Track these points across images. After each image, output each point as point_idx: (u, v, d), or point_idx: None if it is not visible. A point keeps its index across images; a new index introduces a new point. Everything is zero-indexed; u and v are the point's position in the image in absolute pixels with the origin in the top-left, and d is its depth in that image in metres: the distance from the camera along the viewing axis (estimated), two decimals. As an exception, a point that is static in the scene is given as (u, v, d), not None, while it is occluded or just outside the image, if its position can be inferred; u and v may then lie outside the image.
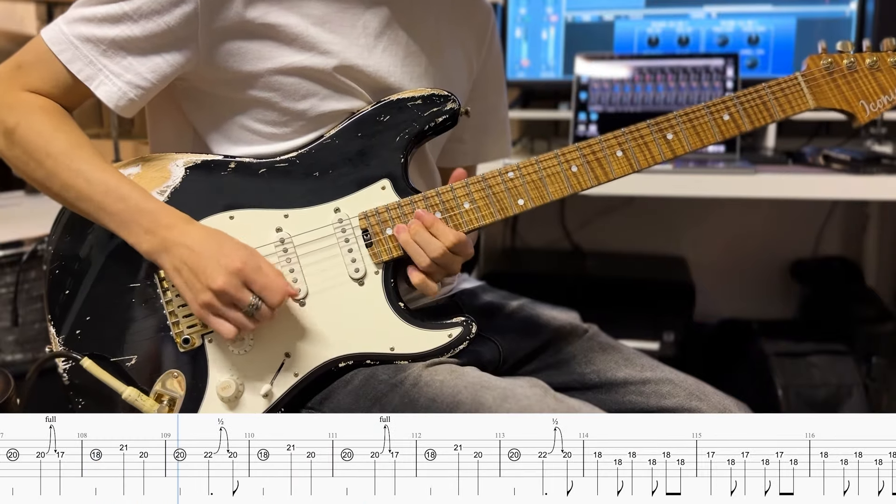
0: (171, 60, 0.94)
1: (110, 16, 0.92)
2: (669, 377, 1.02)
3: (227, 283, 0.88)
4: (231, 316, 0.90)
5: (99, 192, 0.91)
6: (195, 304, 0.90)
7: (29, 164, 0.94)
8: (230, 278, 0.88)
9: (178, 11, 0.91)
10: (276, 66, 0.95)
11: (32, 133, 0.93)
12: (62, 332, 0.98)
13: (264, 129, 0.99)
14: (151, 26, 0.92)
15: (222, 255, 0.89)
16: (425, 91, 0.99)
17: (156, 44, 0.93)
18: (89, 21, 0.93)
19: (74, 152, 0.93)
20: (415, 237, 0.94)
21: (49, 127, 0.93)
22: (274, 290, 0.90)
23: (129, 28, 0.92)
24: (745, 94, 0.96)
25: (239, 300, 0.89)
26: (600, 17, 1.99)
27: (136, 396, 0.95)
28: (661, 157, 0.96)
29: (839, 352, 1.81)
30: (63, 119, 0.95)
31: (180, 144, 1.04)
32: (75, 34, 0.93)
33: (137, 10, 0.91)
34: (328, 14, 0.96)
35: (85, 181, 0.91)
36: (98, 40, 0.93)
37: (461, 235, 0.94)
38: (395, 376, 0.93)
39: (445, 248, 0.93)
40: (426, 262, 0.94)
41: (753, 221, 2.33)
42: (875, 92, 0.98)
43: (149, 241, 0.91)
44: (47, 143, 0.92)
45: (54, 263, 0.98)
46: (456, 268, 0.96)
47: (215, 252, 0.89)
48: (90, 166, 0.92)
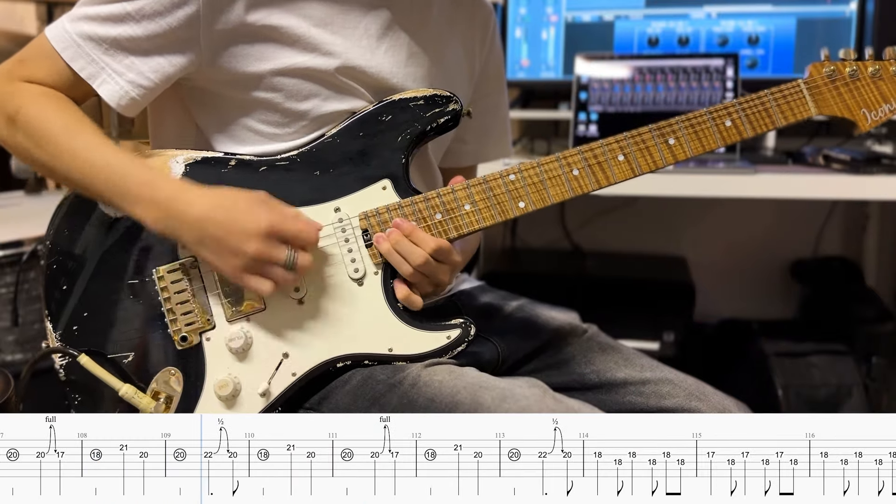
0: (173, 61, 0.94)
1: (113, 15, 0.92)
2: (669, 377, 1.02)
3: (261, 245, 0.87)
4: (271, 273, 0.89)
5: (99, 168, 0.91)
6: (230, 270, 0.89)
7: (32, 149, 0.94)
8: (262, 241, 0.87)
9: (180, 13, 0.92)
10: (279, 67, 0.95)
11: (33, 116, 0.93)
12: (59, 327, 0.97)
13: (267, 129, 0.99)
14: (153, 27, 0.92)
15: (245, 218, 0.88)
16: (427, 91, 0.99)
17: (158, 44, 0.93)
18: (92, 20, 0.93)
19: (76, 133, 0.93)
20: (396, 246, 0.94)
21: (50, 109, 0.93)
22: (309, 231, 0.90)
23: (132, 28, 0.92)
24: (747, 101, 0.97)
25: (276, 258, 0.88)
26: (600, 17, 1.99)
27: (132, 393, 0.94)
28: (662, 163, 0.96)
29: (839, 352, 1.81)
30: (64, 102, 0.95)
31: (183, 142, 1.04)
32: (78, 32, 0.93)
33: (140, 10, 0.92)
34: (330, 16, 0.96)
35: (87, 160, 0.91)
36: (101, 39, 0.93)
37: (443, 242, 0.94)
38: (393, 376, 0.93)
39: (427, 255, 0.93)
40: (409, 271, 0.93)
41: (753, 221, 2.33)
42: (877, 100, 0.98)
43: (153, 211, 0.90)
44: (49, 125, 0.92)
45: (51, 259, 0.98)
46: (442, 277, 0.96)
47: (235, 217, 0.88)
48: (92, 145, 0.92)
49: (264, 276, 0.89)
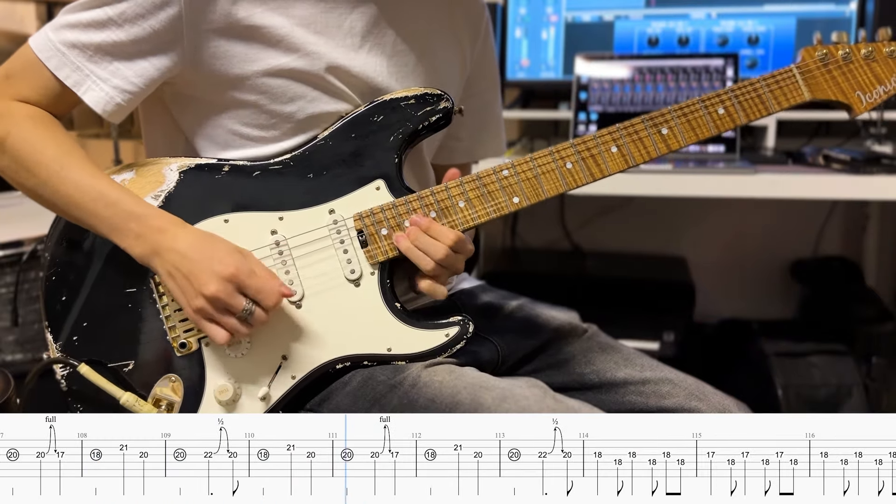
0: (157, 64, 0.94)
1: (95, 21, 0.92)
2: (669, 377, 1.02)
3: (220, 289, 0.88)
4: (225, 321, 0.90)
5: (89, 198, 0.91)
6: (189, 309, 0.90)
7: (20, 173, 0.94)
8: (223, 284, 0.88)
9: (162, 15, 0.92)
10: (263, 68, 0.95)
11: (22, 142, 0.93)
12: (59, 338, 0.97)
13: (252, 132, 0.98)
14: (136, 30, 0.92)
15: (215, 261, 0.89)
16: (418, 90, 0.99)
17: (142, 48, 0.93)
18: (75, 27, 0.93)
19: (65, 160, 0.93)
20: (415, 243, 0.94)
21: (38, 136, 0.93)
22: (269, 293, 0.90)
23: (115, 33, 0.92)
24: (739, 88, 0.96)
25: (232, 306, 0.89)
26: (600, 17, 1.99)
27: (133, 401, 0.94)
28: (655, 153, 0.96)
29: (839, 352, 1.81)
30: (53, 127, 0.95)
31: (172, 149, 1.04)
32: (62, 41, 0.93)
33: (122, 14, 0.91)
34: (314, 14, 0.96)
35: (75, 188, 0.91)
36: (84, 46, 0.93)
37: (459, 234, 0.94)
38: (393, 377, 0.93)
39: (448, 248, 0.93)
40: (431, 266, 0.93)
41: (753, 221, 2.33)
42: (871, 82, 0.97)
43: (140, 245, 0.91)
44: (37, 151, 0.92)
45: (51, 270, 0.98)
46: (460, 266, 0.96)
47: (208, 257, 0.89)
48: (80, 173, 0.92)
49: (219, 322, 0.90)
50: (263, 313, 0.90)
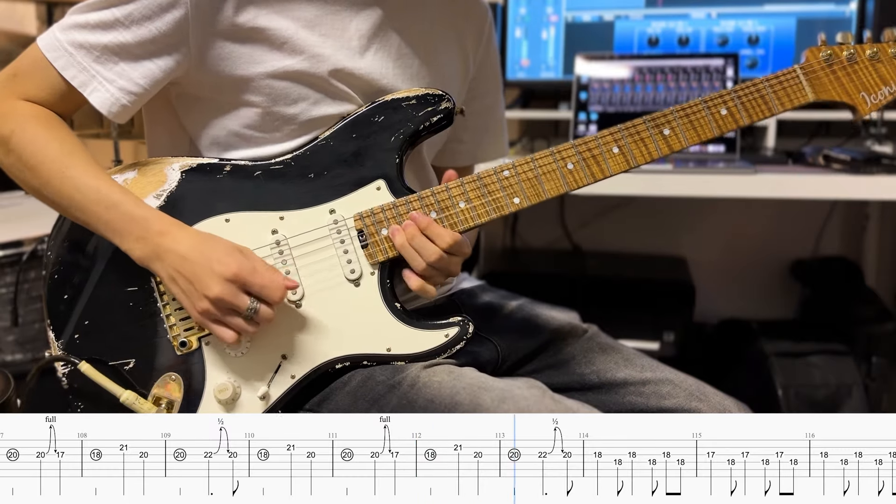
0: (162, 66, 0.94)
1: (103, 22, 0.92)
2: (669, 377, 1.02)
3: (224, 290, 0.88)
4: (231, 322, 0.90)
5: (90, 199, 0.91)
6: (193, 311, 0.91)
7: (24, 172, 0.94)
8: (226, 285, 0.88)
9: (168, 17, 0.92)
10: (268, 70, 0.95)
11: (27, 141, 0.93)
12: (61, 336, 0.98)
13: (254, 133, 0.99)
14: (143, 32, 0.92)
15: (216, 262, 0.89)
16: (420, 91, 0.99)
17: (148, 49, 0.93)
18: (83, 27, 0.93)
19: (67, 160, 0.93)
20: (411, 241, 0.94)
21: (43, 135, 0.94)
22: (273, 289, 0.90)
23: (122, 34, 0.92)
24: (742, 88, 0.95)
25: (237, 306, 0.89)
26: (600, 17, 1.99)
27: (133, 400, 0.95)
28: (657, 154, 0.95)
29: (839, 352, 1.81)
30: (58, 127, 0.96)
31: (176, 149, 1.05)
32: (69, 41, 0.93)
33: (129, 16, 0.92)
34: (319, 17, 0.96)
35: (76, 189, 0.92)
36: (91, 46, 0.93)
37: (457, 236, 0.94)
38: (393, 377, 0.93)
39: (442, 251, 0.93)
40: (423, 267, 0.93)
41: (753, 221, 2.33)
42: (876, 83, 0.96)
43: (141, 248, 0.91)
44: (41, 151, 0.93)
45: (53, 269, 0.99)
46: (455, 269, 0.96)
47: (209, 259, 0.89)
48: (82, 173, 0.92)
49: (225, 323, 0.90)
50: (269, 310, 0.90)
